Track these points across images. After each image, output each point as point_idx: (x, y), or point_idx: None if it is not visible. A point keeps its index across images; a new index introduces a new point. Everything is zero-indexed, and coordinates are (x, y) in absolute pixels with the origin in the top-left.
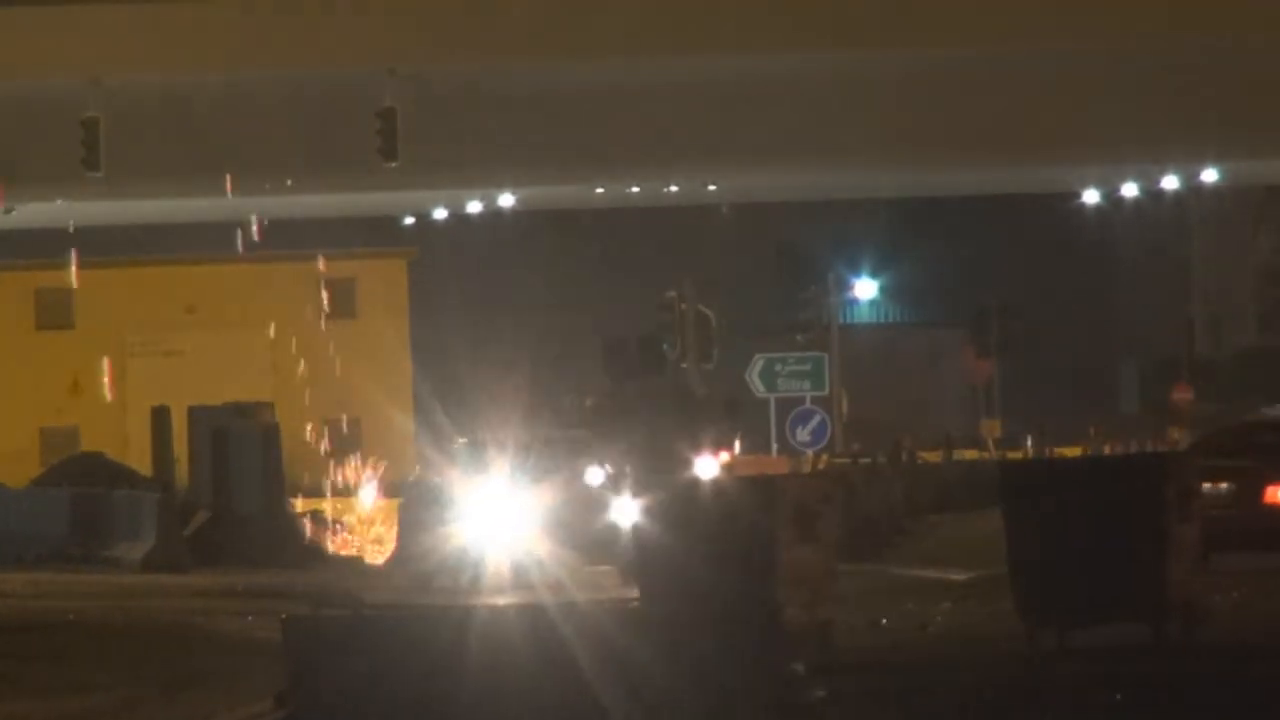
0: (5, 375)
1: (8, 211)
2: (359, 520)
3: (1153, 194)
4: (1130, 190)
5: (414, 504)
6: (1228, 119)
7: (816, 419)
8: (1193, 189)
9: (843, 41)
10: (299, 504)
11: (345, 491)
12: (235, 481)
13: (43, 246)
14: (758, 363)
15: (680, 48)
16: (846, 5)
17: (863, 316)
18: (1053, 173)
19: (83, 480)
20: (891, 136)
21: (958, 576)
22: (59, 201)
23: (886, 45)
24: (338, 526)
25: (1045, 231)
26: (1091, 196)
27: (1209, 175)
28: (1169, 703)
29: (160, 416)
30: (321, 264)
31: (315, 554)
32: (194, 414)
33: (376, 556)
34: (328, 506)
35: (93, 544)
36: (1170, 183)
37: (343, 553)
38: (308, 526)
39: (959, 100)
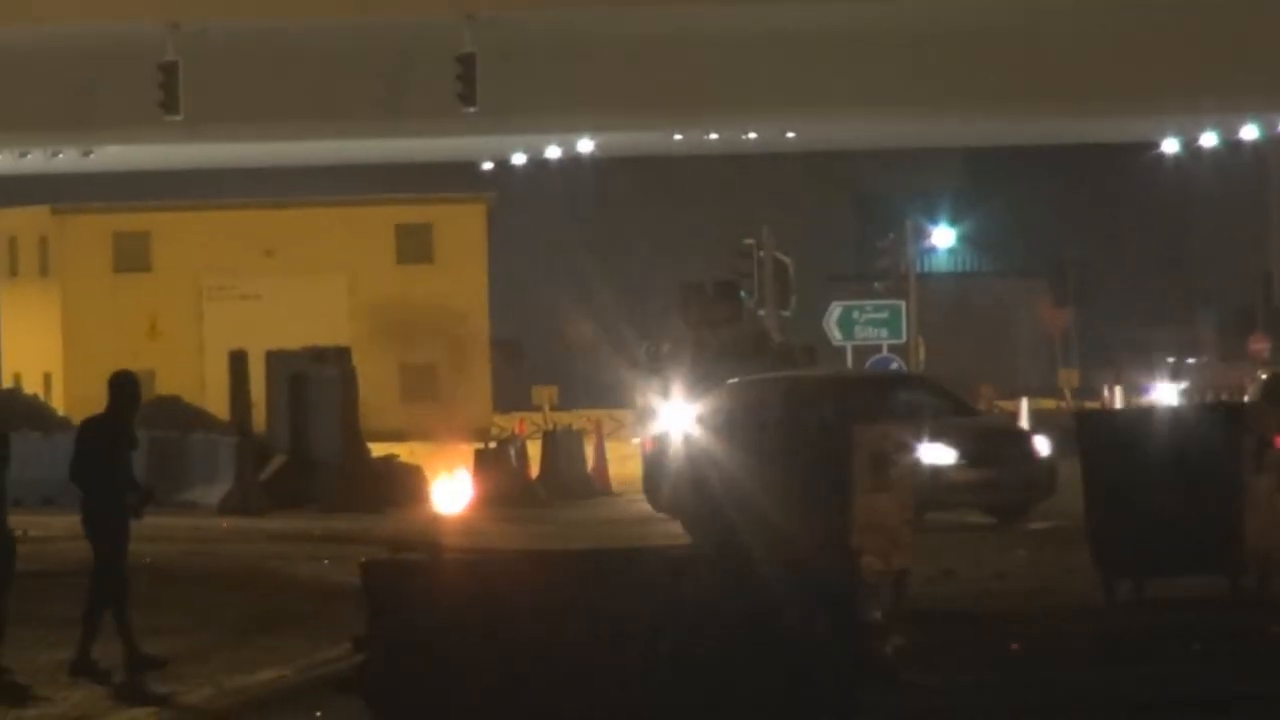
0: (83, 318)
1: (86, 154)
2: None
3: (1232, 145)
4: (1209, 140)
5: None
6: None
7: (894, 366)
8: (1273, 139)
9: None
10: (373, 449)
11: (424, 437)
12: (312, 426)
13: (119, 189)
14: (835, 310)
15: None
16: None
17: (940, 265)
18: (1131, 123)
19: (160, 424)
20: (968, 85)
21: (1035, 525)
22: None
23: None
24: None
25: (1124, 181)
26: (1171, 146)
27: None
28: (1245, 655)
29: (237, 361)
30: (398, 209)
31: (391, 499)
32: (271, 358)
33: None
34: (402, 451)
35: (169, 487)
36: (1249, 132)
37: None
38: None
39: (1035, 49)
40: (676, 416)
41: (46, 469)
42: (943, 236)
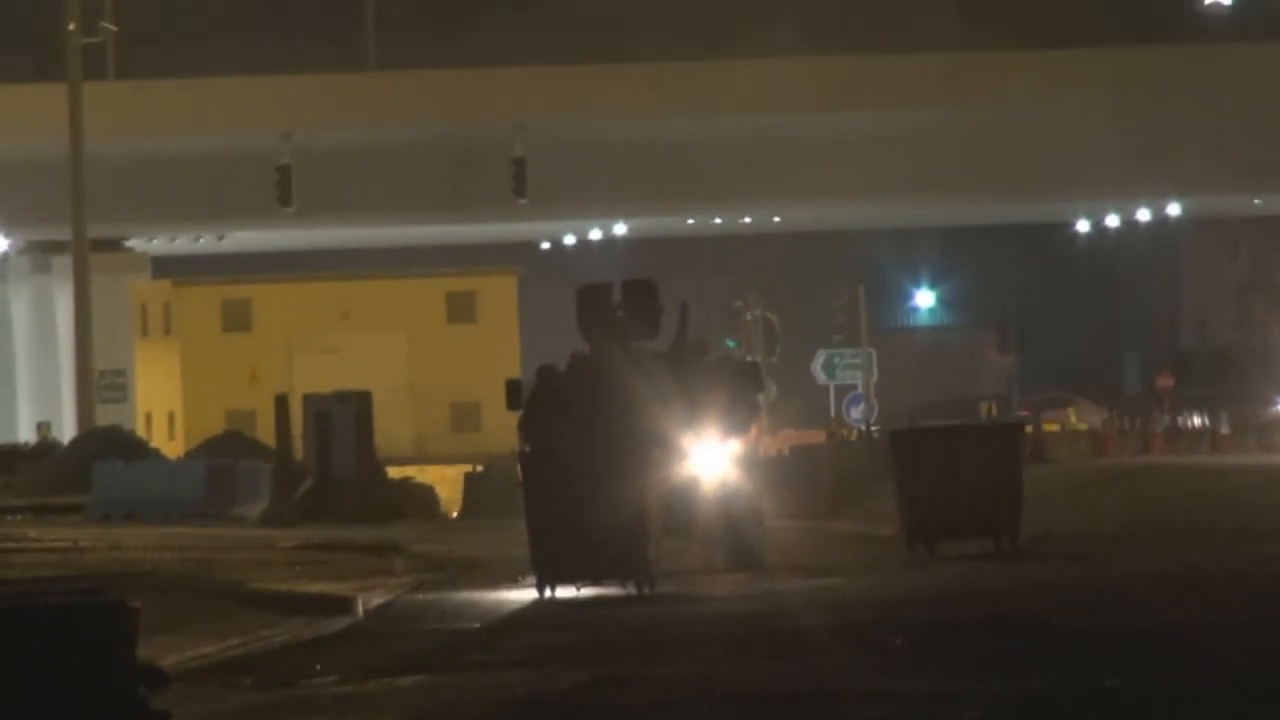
0: (198, 368)
1: (220, 238)
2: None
3: (1157, 220)
4: (1112, 221)
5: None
6: (1185, 166)
7: (864, 402)
8: (1188, 218)
9: (876, 104)
10: (391, 472)
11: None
12: (334, 454)
13: (228, 266)
14: (820, 356)
15: (752, 109)
16: (904, 74)
17: (923, 321)
18: (1056, 207)
19: (222, 453)
20: (919, 179)
21: (885, 532)
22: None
23: (914, 106)
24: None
25: (1069, 250)
26: (1083, 226)
27: (1173, 209)
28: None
29: (281, 403)
30: (447, 280)
31: (400, 512)
32: (306, 400)
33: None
34: (415, 473)
35: (222, 504)
36: (1143, 215)
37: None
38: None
39: (979, 150)
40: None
41: (126, 489)
42: (924, 298)
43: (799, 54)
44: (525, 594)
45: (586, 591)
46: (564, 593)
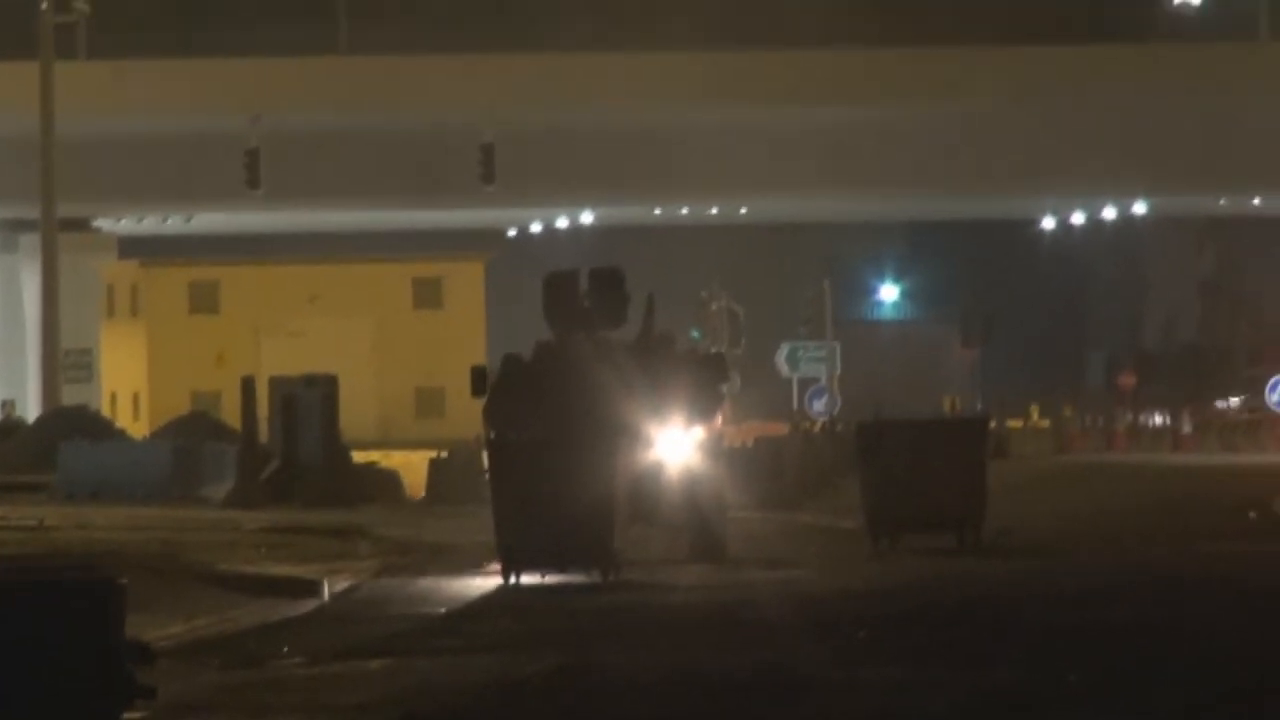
0: (165, 349)
1: (189, 220)
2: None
3: (1123, 218)
4: (1078, 219)
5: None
6: (1152, 164)
7: (827, 395)
8: (1155, 217)
9: (845, 98)
10: (356, 456)
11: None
12: (300, 437)
13: (196, 248)
14: (784, 349)
15: (723, 98)
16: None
17: (887, 315)
18: (1022, 203)
19: (188, 434)
20: (886, 173)
21: (849, 524)
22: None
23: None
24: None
25: (1035, 247)
26: (1048, 223)
27: (1139, 208)
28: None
29: (247, 385)
30: (414, 266)
31: (364, 496)
32: (272, 383)
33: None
34: (379, 457)
35: (188, 486)
36: (1109, 213)
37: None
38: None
39: (946, 145)
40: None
41: (91, 469)
42: (889, 292)
43: (767, 47)
44: (491, 580)
45: (551, 579)
46: (529, 579)
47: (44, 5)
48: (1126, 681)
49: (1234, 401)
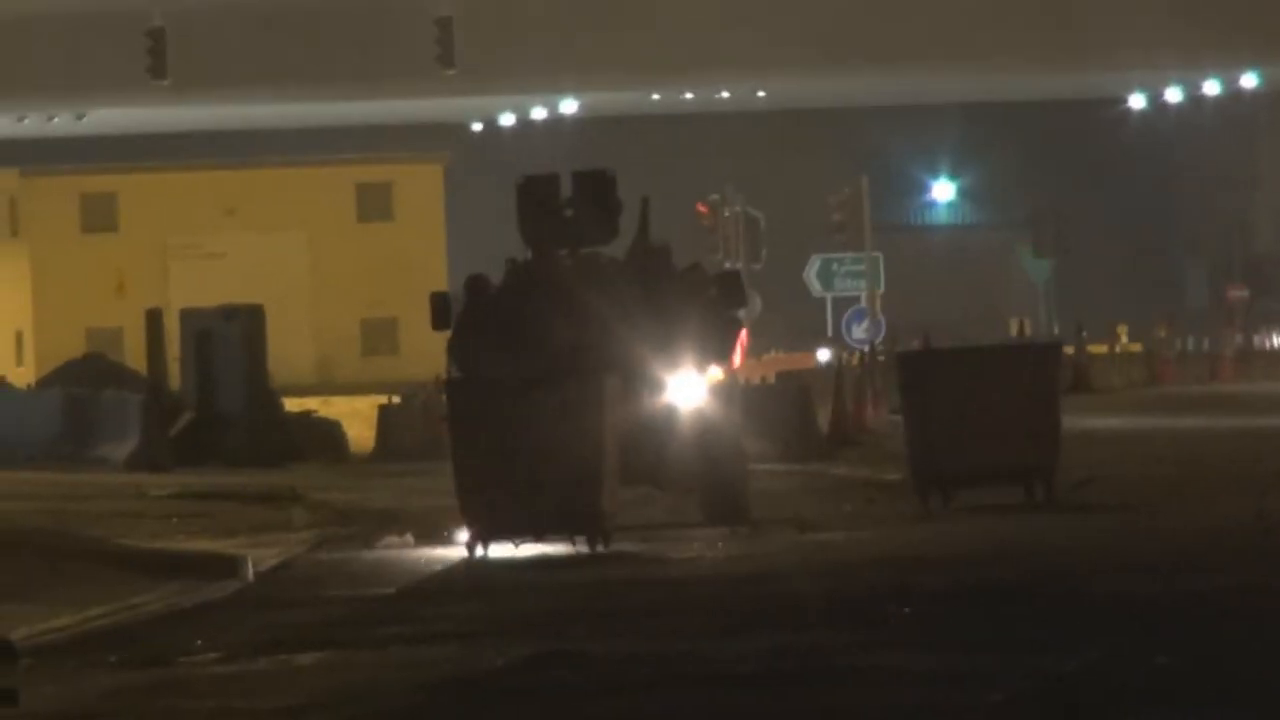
0: (52, 277)
1: (80, 118)
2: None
3: (1228, 95)
4: (1173, 95)
5: None
6: (1262, 26)
7: (868, 319)
8: (1267, 92)
9: None
10: (288, 404)
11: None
12: (219, 383)
13: (87, 152)
14: (815, 263)
15: None
16: None
17: (940, 218)
18: (1104, 79)
19: (82, 381)
20: (937, 44)
21: (892, 477)
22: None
23: None
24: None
25: (1119, 133)
26: (1136, 102)
27: (1248, 81)
28: None
29: (154, 319)
30: (357, 169)
31: (299, 452)
32: (183, 316)
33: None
34: (318, 405)
35: (82, 444)
36: (1210, 88)
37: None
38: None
39: (1009, 8)
40: None
41: None
42: (942, 190)
43: None
44: (452, 552)
45: (527, 549)
46: (499, 551)
47: None
48: (1229, 665)
49: None
